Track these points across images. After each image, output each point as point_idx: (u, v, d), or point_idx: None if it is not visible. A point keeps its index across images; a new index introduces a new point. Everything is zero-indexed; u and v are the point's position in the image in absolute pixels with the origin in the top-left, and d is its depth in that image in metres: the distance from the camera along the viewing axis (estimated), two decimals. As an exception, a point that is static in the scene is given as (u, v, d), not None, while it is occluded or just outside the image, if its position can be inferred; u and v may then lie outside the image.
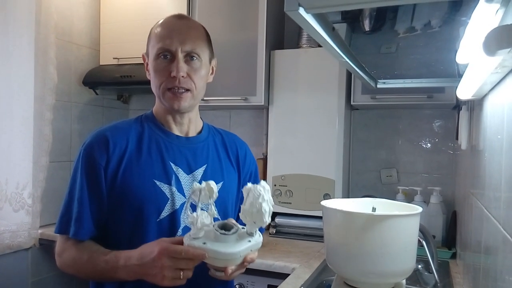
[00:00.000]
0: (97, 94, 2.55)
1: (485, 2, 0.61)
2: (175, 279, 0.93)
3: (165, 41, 1.07)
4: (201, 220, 0.92)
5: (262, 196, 0.93)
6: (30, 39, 2.06)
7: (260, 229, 1.02)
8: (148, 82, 1.16)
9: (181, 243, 0.94)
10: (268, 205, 0.94)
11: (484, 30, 0.62)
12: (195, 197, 0.95)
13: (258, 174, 1.32)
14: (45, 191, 2.18)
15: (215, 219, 0.97)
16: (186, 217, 0.96)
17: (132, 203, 1.05)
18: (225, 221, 0.99)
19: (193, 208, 0.97)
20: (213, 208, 0.96)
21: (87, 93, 2.51)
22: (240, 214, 0.97)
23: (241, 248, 0.93)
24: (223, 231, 0.94)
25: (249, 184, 0.97)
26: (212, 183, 0.95)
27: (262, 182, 0.96)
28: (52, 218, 2.22)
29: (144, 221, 1.05)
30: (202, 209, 0.95)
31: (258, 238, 0.98)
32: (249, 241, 0.96)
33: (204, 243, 0.92)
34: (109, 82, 2.43)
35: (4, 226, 1.99)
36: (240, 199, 1.23)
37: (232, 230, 0.95)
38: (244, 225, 0.99)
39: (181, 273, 0.92)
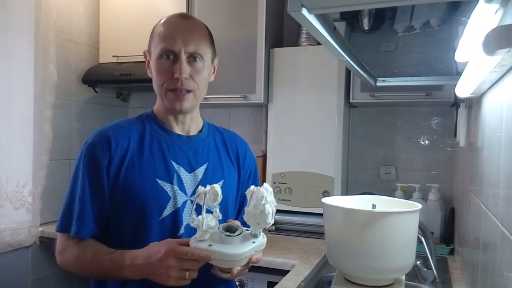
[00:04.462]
0: (96, 92, 2.55)
1: (484, 2, 0.62)
2: (180, 279, 0.94)
3: (168, 42, 1.07)
4: (206, 222, 0.93)
5: (265, 198, 0.94)
6: (29, 37, 2.06)
7: None
8: (147, 80, 1.16)
9: (188, 244, 0.95)
10: (271, 207, 0.95)
11: (484, 30, 0.63)
12: (200, 200, 0.96)
13: (258, 172, 1.33)
14: (45, 189, 2.18)
15: (219, 222, 0.99)
16: (191, 220, 0.97)
17: (134, 202, 1.06)
18: (230, 223, 1.00)
19: (198, 211, 0.98)
20: (218, 210, 0.97)
21: (86, 91, 2.51)
22: (244, 216, 0.98)
23: (246, 249, 0.95)
24: (228, 233, 0.96)
25: (252, 187, 0.98)
26: (217, 186, 0.96)
27: (265, 185, 0.97)
28: (52, 216, 2.23)
29: (147, 219, 1.06)
30: (207, 212, 0.96)
31: (262, 239, 1.00)
32: (254, 242, 0.98)
33: (210, 245, 0.93)
34: (109, 80, 2.43)
35: (4, 224, 2.00)
36: (240, 197, 1.24)
37: (237, 232, 0.97)
38: (248, 227, 1.01)
39: (187, 274, 0.93)
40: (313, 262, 1.66)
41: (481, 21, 0.69)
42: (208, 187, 0.96)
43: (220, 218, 0.98)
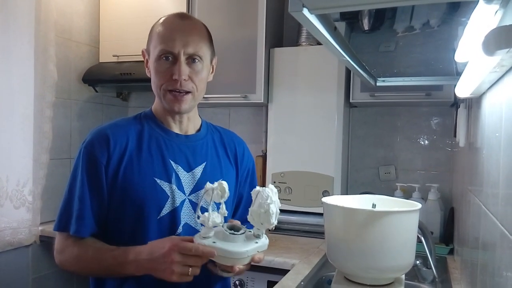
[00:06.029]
0: (96, 91, 2.56)
1: (484, 3, 0.62)
2: (183, 275, 0.94)
3: (167, 43, 1.07)
4: (212, 219, 0.94)
5: (270, 198, 0.95)
6: (30, 37, 2.06)
7: None
8: (147, 80, 1.16)
9: (191, 241, 0.96)
10: (275, 207, 0.96)
11: (483, 30, 0.63)
12: (207, 196, 0.97)
13: (255, 172, 1.33)
14: (45, 188, 2.19)
15: (225, 219, 1.00)
16: (197, 217, 0.98)
17: (133, 201, 1.06)
18: (233, 223, 1.01)
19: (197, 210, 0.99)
20: (224, 207, 0.98)
21: (86, 90, 2.52)
22: (248, 216, 0.99)
23: (249, 248, 0.96)
24: (232, 231, 0.97)
25: (258, 187, 0.99)
26: (224, 183, 0.97)
27: (270, 185, 0.99)
28: (52, 215, 2.23)
29: (145, 218, 1.06)
30: (213, 210, 0.97)
31: (264, 240, 1.01)
32: (256, 242, 0.99)
33: (214, 242, 0.94)
34: (109, 80, 2.43)
35: (5, 223, 2.00)
36: (237, 196, 1.25)
37: (241, 231, 0.98)
38: (251, 228, 1.02)
39: (190, 270, 0.94)
40: (313, 262, 1.66)
41: (481, 21, 0.69)
42: (216, 183, 0.97)
43: (226, 215, 0.99)
